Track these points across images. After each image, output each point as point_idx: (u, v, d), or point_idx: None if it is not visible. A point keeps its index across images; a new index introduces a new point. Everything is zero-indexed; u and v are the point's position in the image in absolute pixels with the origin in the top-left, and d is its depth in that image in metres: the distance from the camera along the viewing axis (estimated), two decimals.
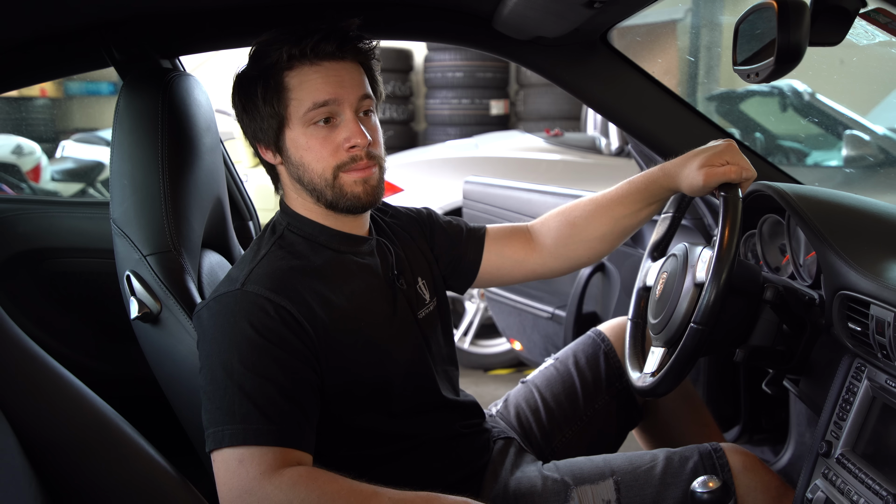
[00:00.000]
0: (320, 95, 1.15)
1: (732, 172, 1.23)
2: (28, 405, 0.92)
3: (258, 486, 1.01)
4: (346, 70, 1.17)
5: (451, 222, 1.44)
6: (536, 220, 1.47)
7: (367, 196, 1.19)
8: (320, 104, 1.15)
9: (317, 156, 1.17)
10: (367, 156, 1.18)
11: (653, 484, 1.29)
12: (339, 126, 1.17)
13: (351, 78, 1.17)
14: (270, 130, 1.18)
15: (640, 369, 1.37)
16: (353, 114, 1.17)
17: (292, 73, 1.15)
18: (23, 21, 1.30)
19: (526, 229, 1.46)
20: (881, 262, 1.16)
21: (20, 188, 4.24)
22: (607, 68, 1.65)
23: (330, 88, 1.15)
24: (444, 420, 1.30)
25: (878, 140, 3.52)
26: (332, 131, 1.17)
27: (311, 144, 1.16)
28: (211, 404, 1.06)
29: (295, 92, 1.15)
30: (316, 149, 1.16)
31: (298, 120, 1.16)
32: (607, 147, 3.95)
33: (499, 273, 1.45)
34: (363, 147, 1.17)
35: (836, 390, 1.22)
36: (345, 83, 1.16)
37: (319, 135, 1.16)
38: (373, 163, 1.19)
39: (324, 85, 1.15)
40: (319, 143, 1.16)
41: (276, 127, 1.18)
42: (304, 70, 1.15)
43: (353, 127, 1.16)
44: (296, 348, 1.10)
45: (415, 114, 6.55)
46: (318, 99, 1.15)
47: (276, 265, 1.16)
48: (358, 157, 1.17)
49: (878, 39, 1.21)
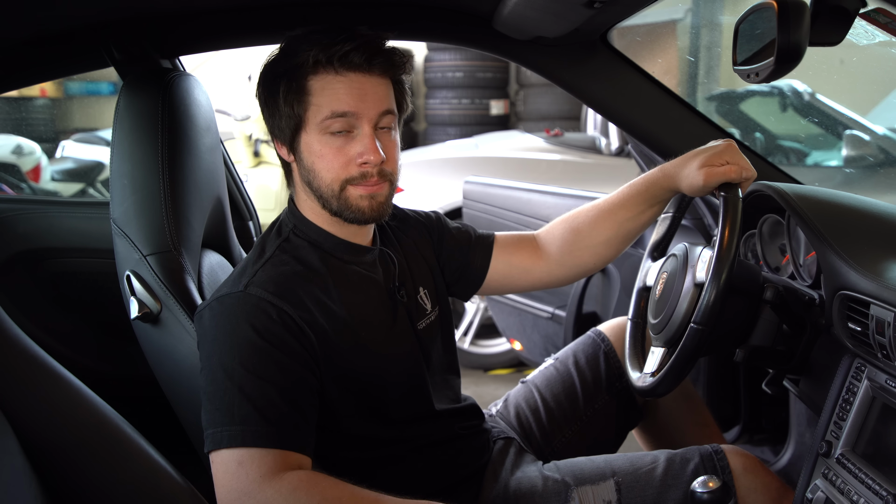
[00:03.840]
0: (340, 106, 1.13)
1: (732, 172, 1.23)
2: (28, 405, 0.92)
3: (258, 488, 1.00)
4: (371, 84, 1.16)
5: (460, 228, 1.44)
6: (541, 229, 1.47)
7: (371, 211, 1.18)
8: (339, 114, 1.14)
9: (328, 165, 1.16)
10: (379, 173, 1.17)
11: (653, 485, 1.29)
12: (355, 139, 1.15)
13: (374, 92, 1.16)
14: (287, 129, 1.17)
15: (640, 369, 1.37)
16: (370, 129, 1.15)
17: (316, 77, 1.14)
18: (23, 21, 1.30)
19: (533, 238, 1.46)
20: (881, 262, 1.16)
21: (20, 188, 4.24)
22: (607, 68, 1.65)
23: (351, 101, 1.14)
24: (442, 425, 1.30)
25: (878, 140, 3.52)
26: (347, 143, 1.15)
27: (324, 152, 1.15)
28: (210, 405, 1.06)
29: (316, 97, 1.14)
30: (328, 158, 1.15)
31: (315, 126, 1.15)
32: (607, 147, 3.95)
33: (506, 281, 1.45)
34: (375, 164, 1.15)
35: (836, 390, 1.22)
36: (367, 97, 1.15)
37: (334, 144, 1.15)
38: (383, 180, 1.18)
39: (345, 96, 1.14)
40: (333, 153, 1.15)
41: (294, 128, 1.17)
42: (329, 78, 1.14)
43: (369, 143, 1.15)
44: (296, 352, 1.10)
45: (415, 114, 6.55)
46: (337, 109, 1.13)
47: (280, 269, 1.16)
48: (368, 173, 1.16)
49: (878, 39, 1.21)
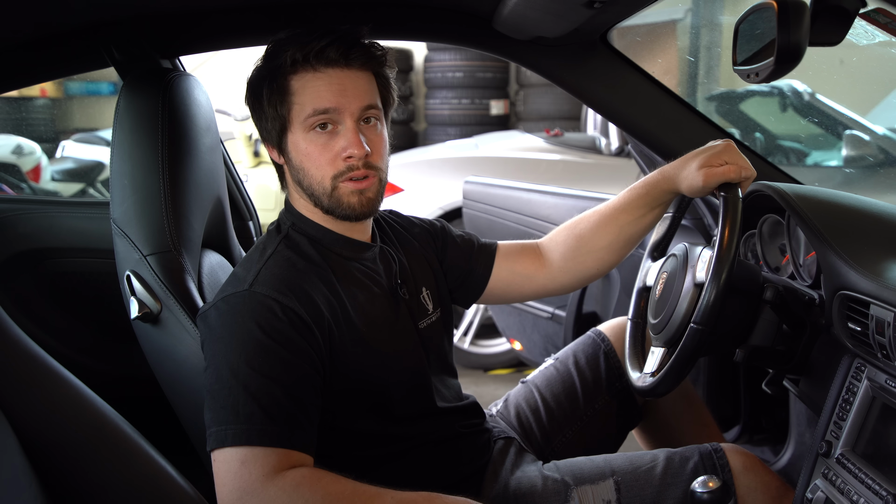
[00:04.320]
0: (321, 103, 1.14)
1: (732, 172, 1.23)
2: (28, 405, 0.92)
3: (261, 487, 1.00)
4: (351, 78, 1.16)
5: (464, 237, 1.45)
6: (544, 237, 1.48)
7: (361, 207, 1.19)
8: (321, 111, 1.15)
9: (315, 163, 1.17)
10: (365, 166, 1.17)
11: (653, 484, 1.29)
12: (339, 134, 1.16)
13: (355, 87, 1.16)
14: (274, 131, 1.19)
15: (640, 369, 1.37)
16: (353, 123, 1.16)
17: (296, 77, 1.15)
18: (23, 21, 1.30)
19: (536, 246, 1.47)
20: (881, 262, 1.16)
21: (20, 188, 4.24)
22: (607, 68, 1.65)
23: (331, 96, 1.15)
24: (444, 424, 1.30)
25: (878, 140, 3.52)
26: (331, 139, 1.16)
27: (310, 150, 1.17)
28: (215, 403, 1.06)
29: (297, 96, 1.15)
30: (315, 155, 1.16)
31: (300, 125, 1.16)
32: (607, 147, 3.95)
33: (509, 289, 1.45)
34: (360, 158, 1.16)
35: (836, 390, 1.22)
36: (347, 92, 1.16)
37: (319, 141, 1.16)
38: (371, 173, 1.18)
39: (326, 92, 1.15)
40: (318, 150, 1.16)
41: (279, 129, 1.18)
42: (308, 76, 1.15)
43: (352, 137, 1.16)
44: (302, 350, 1.10)
45: (415, 114, 6.55)
46: (318, 106, 1.15)
47: (284, 266, 1.16)
48: (354, 166, 1.16)
49: (878, 39, 1.21)
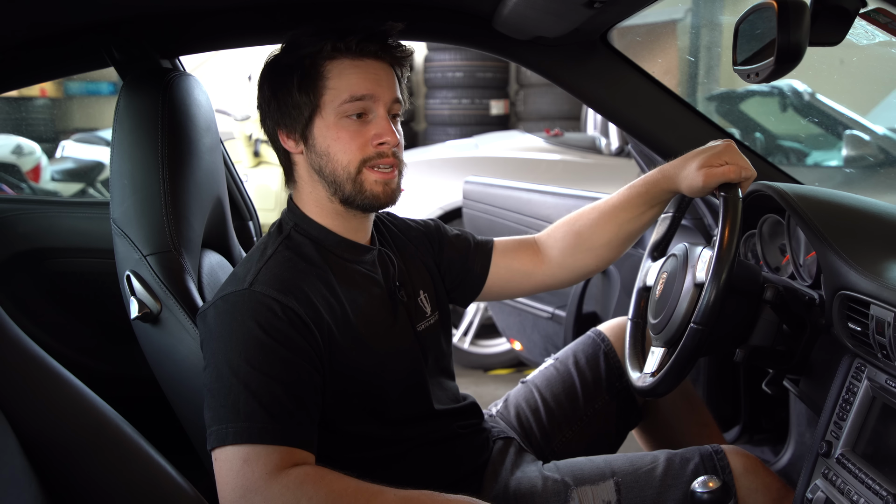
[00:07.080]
0: (358, 90, 1.17)
1: (732, 172, 1.23)
2: (28, 405, 0.92)
3: (264, 484, 1.00)
4: (384, 70, 1.20)
5: (459, 235, 1.45)
6: (542, 232, 1.48)
7: (385, 197, 1.21)
8: (357, 98, 1.17)
9: (345, 147, 1.18)
10: (393, 154, 1.20)
11: (653, 485, 1.29)
12: (370, 122, 1.19)
13: (388, 78, 1.20)
14: (301, 118, 1.19)
15: (640, 369, 1.37)
16: (385, 112, 1.19)
17: (333, 63, 1.17)
18: (23, 21, 1.30)
19: (533, 241, 1.47)
20: (881, 262, 1.16)
21: (20, 188, 4.24)
22: (607, 68, 1.65)
23: (368, 84, 1.17)
24: (441, 425, 1.30)
25: (878, 140, 3.52)
26: (363, 126, 1.18)
27: (340, 136, 1.18)
28: (215, 402, 1.06)
29: (333, 82, 1.17)
30: (345, 140, 1.18)
31: (333, 110, 1.17)
32: (607, 147, 3.95)
33: (507, 286, 1.46)
34: (392, 145, 1.19)
35: (836, 390, 1.22)
36: (382, 82, 1.19)
37: (351, 128, 1.18)
38: (396, 163, 1.21)
39: (363, 80, 1.17)
40: (349, 136, 1.18)
41: (308, 115, 1.19)
42: (346, 63, 1.17)
43: (385, 124, 1.19)
44: (302, 349, 1.10)
45: (415, 114, 6.55)
46: (355, 92, 1.17)
47: (284, 266, 1.17)
48: (385, 153, 1.19)
49: (878, 39, 1.21)
